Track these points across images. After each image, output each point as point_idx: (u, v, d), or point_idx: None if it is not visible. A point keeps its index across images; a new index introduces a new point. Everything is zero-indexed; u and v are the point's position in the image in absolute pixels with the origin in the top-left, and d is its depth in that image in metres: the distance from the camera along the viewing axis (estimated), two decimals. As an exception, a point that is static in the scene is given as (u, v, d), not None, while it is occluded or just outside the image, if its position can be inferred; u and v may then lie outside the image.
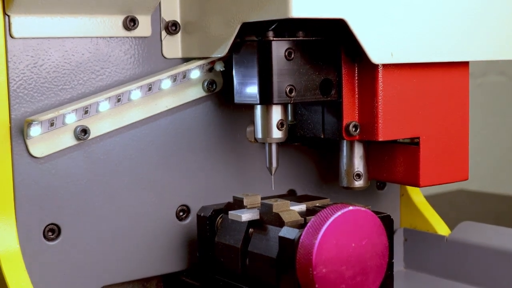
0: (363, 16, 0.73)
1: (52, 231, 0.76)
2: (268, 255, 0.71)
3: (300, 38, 0.76)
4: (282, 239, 0.69)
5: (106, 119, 0.78)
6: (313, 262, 0.65)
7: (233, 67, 0.78)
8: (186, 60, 0.82)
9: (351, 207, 0.68)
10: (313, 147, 0.90)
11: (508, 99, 1.83)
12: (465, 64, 0.84)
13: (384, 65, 0.77)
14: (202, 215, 0.78)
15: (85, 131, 0.76)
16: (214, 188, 0.85)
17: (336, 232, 0.67)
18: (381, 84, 0.77)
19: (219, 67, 0.82)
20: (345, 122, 0.79)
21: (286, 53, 0.75)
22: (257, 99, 0.76)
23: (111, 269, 0.79)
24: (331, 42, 0.78)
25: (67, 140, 0.76)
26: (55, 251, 0.76)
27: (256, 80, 0.75)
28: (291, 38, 0.76)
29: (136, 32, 0.79)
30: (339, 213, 0.67)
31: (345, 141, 0.83)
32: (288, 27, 0.76)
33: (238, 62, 0.77)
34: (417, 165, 0.81)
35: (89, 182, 0.78)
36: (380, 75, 0.77)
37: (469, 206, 1.41)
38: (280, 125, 0.77)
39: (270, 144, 0.78)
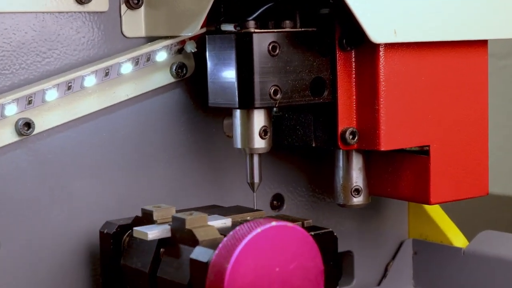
0: (360, -14, 0.74)
1: (-11, 244, 0.76)
2: (178, 281, 0.69)
3: (287, 30, 0.76)
4: (193, 262, 0.67)
5: (54, 111, 0.77)
6: (226, 290, 0.65)
7: (207, 63, 0.78)
8: (150, 39, 0.81)
9: (274, 223, 0.66)
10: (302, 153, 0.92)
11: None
12: (483, 44, 0.83)
13: (386, 49, 0.77)
14: (105, 232, 0.77)
15: (28, 124, 0.76)
16: (185, 192, 0.84)
17: (254, 254, 0.65)
18: (382, 72, 0.77)
19: (190, 48, 0.81)
20: (340, 129, 0.79)
21: (270, 48, 0.75)
22: (235, 102, 0.76)
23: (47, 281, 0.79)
24: (323, 33, 0.78)
25: (6, 135, 0.75)
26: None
27: (234, 80, 0.76)
28: (275, 30, 0.76)
29: (90, 7, 0.79)
30: (258, 230, 0.65)
31: (341, 151, 0.82)
32: (273, 15, 0.77)
33: (213, 58, 0.78)
34: (427, 179, 0.81)
35: (34, 185, 0.77)
36: (381, 61, 0.77)
37: (491, 213, 1.43)
38: (263, 133, 0.77)
39: (251, 155, 0.78)
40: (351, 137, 0.78)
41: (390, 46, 0.77)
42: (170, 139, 0.83)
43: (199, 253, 0.67)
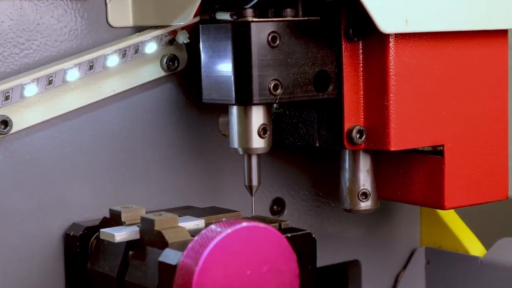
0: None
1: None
2: (147, 286, 0.70)
3: (288, 19, 0.76)
4: (162, 265, 0.68)
5: (33, 107, 0.76)
6: (194, 294, 0.66)
7: (200, 56, 0.78)
8: (139, 29, 0.81)
9: (245, 224, 0.66)
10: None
11: None
12: (503, 34, 0.83)
13: (397, 39, 0.77)
14: (71, 234, 0.77)
15: (5, 122, 0.75)
16: (177, 195, 0.84)
17: (224, 256, 0.65)
18: (392, 65, 0.77)
19: (182, 38, 0.80)
20: (346, 127, 0.79)
21: (270, 38, 0.75)
22: (232, 98, 0.76)
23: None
24: (328, 23, 0.78)
25: (-19, 135, 0.75)
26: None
27: (230, 74, 0.76)
28: (276, 19, 0.76)
29: (73, -7, 0.79)
30: (228, 231, 0.65)
31: (347, 151, 0.83)
32: (273, 3, 0.77)
33: (207, 49, 0.78)
34: (441, 182, 0.81)
35: (11, 189, 0.76)
36: (391, 53, 0.77)
37: (511, 219, 1.44)
38: (263, 132, 0.77)
39: (249, 156, 0.78)
40: (358, 136, 0.78)
41: (401, 36, 0.76)
42: (160, 138, 0.83)
43: (168, 256, 0.67)
